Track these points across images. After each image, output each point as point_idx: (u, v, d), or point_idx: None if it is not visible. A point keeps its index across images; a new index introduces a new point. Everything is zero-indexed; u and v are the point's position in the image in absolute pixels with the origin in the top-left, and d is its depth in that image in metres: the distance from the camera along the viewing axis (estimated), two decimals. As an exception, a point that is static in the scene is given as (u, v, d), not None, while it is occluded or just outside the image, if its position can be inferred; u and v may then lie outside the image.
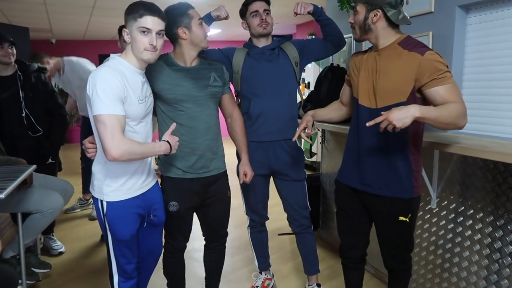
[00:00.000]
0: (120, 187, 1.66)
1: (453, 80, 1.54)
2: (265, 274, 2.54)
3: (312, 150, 5.34)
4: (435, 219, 2.20)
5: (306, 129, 1.84)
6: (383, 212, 1.73)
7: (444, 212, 2.14)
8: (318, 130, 2.52)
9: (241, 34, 8.06)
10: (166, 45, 1.63)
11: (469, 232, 2.00)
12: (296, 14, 2.13)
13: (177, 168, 1.90)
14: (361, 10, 1.62)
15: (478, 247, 1.96)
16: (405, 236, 1.76)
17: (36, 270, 2.62)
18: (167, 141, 1.66)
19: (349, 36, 2.85)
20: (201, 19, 1.83)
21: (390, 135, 1.53)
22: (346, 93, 1.94)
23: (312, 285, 2.43)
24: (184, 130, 1.86)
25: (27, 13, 5.75)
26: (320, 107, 2.06)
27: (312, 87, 5.31)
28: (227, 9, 2.15)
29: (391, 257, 1.83)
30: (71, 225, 3.71)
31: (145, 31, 1.55)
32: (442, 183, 2.13)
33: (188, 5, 1.82)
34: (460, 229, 2.05)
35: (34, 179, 2.38)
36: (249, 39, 2.25)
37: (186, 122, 1.86)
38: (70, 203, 3.28)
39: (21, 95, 2.77)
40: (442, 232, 2.16)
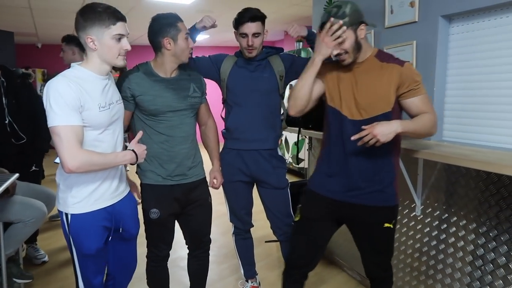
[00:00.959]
0: (87, 198, 1.59)
1: (425, 90, 1.66)
2: (252, 282, 2.52)
3: (299, 157, 5.37)
4: (420, 226, 2.22)
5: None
6: (368, 220, 1.74)
7: (428, 219, 2.17)
8: (305, 137, 2.53)
9: (230, 39, 8.08)
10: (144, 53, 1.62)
11: (453, 239, 2.03)
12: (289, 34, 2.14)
13: (157, 175, 1.90)
14: (350, 35, 1.60)
15: (461, 253, 1.98)
16: (389, 242, 1.78)
17: (18, 281, 2.56)
18: (133, 150, 1.61)
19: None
20: (187, 34, 1.84)
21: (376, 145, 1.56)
22: (316, 89, 1.75)
23: None
24: (163, 138, 1.87)
25: (12, 17, 5.67)
26: (307, 120, 2.08)
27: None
28: (215, 15, 2.14)
29: (375, 265, 1.83)
30: (55, 233, 3.65)
31: (120, 37, 1.53)
32: (426, 190, 2.16)
33: (178, 18, 1.82)
34: (444, 236, 2.07)
35: (17, 187, 2.34)
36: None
37: (165, 131, 1.86)
38: (54, 210, 3.23)
39: (4, 101, 2.72)
40: (426, 239, 2.18)
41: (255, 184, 2.31)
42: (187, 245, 2.13)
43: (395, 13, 2.39)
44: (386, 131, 1.48)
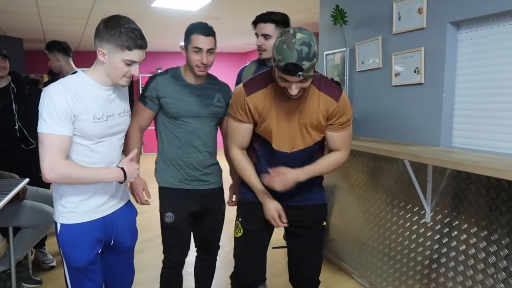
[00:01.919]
0: (75, 209, 1.52)
1: (351, 126, 1.71)
2: (260, 289, 2.52)
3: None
4: (429, 233, 2.21)
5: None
6: (310, 220, 1.76)
7: (438, 226, 2.15)
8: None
9: (235, 46, 8.12)
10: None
11: (463, 247, 2.01)
12: None
13: (174, 178, 1.92)
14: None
15: (472, 261, 1.96)
16: (324, 242, 1.85)
17: (27, 285, 2.58)
18: (122, 168, 1.51)
19: (342, 50, 2.90)
20: (196, 48, 1.78)
21: (307, 158, 1.67)
22: (245, 134, 1.69)
23: None
24: (181, 143, 1.89)
25: (21, 24, 5.74)
26: None
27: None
28: (221, 22, 2.17)
29: (315, 270, 1.84)
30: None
31: (131, 63, 1.48)
32: (436, 197, 2.15)
33: (196, 29, 1.79)
34: (454, 243, 2.06)
35: (26, 192, 2.36)
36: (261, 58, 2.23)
37: (183, 136, 1.89)
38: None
39: (14, 107, 2.75)
40: (436, 246, 2.16)
41: None
42: (196, 248, 2.14)
43: (403, 20, 2.40)
44: (288, 184, 1.56)
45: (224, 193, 2.09)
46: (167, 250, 2.00)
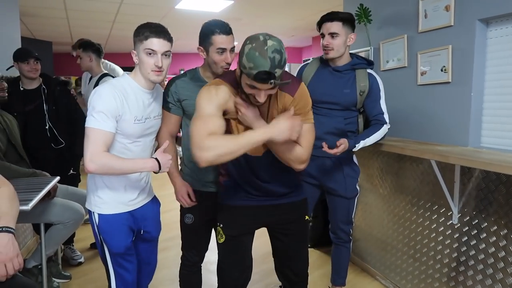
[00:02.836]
0: (109, 201, 1.68)
1: (312, 122, 1.59)
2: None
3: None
4: (457, 235, 2.16)
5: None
6: (293, 217, 1.74)
7: (466, 228, 2.10)
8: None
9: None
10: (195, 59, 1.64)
11: (492, 249, 1.96)
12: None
13: (196, 180, 1.92)
14: None
15: (502, 264, 1.91)
16: (307, 238, 1.84)
17: (57, 280, 2.66)
18: (156, 158, 1.60)
19: (366, 49, 2.87)
20: (220, 49, 1.73)
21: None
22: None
23: None
24: None
25: (50, 27, 5.94)
26: None
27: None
28: (244, 23, 2.15)
29: (304, 264, 1.83)
30: (91, 235, 3.74)
31: (151, 52, 1.57)
32: (463, 198, 2.10)
33: (215, 30, 1.72)
34: (483, 245, 2.01)
35: (57, 190, 2.44)
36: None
37: None
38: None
39: (45, 108, 2.84)
40: (464, 248, 2.12)
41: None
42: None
43: (429, 17, 2.35)
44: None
45: None
46: (185, 248, 2.03)
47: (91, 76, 3.31)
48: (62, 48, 7.94)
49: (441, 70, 2.29)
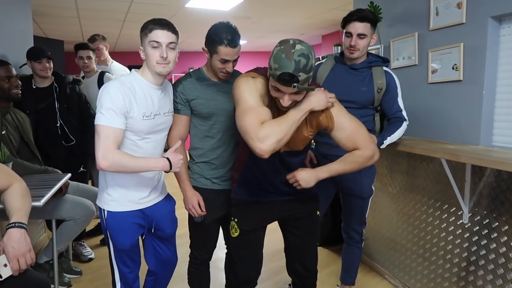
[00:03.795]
0: (119, 198, 1.68)
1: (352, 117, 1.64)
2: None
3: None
4: (467, 234, 2.14)
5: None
6: (304, 212, 1.75)
7: (477, 228, 2.08)
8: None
9: (267, 45, 8.14)
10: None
11: (504, 249, 1.94)
12: None
13: (206, 179, 1.93)
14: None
15: (513, 264, 1.89)
16: (319, 232, 1.88)
17: (68, 276, 2.70)
18: (167, 158, 1.61)
19: (377, 47, 2.85)
20: (223, 60, 1.73)
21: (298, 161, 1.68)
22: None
23: None
24: (216, 143, 1.89)
25: (61, 26, 6.00)
26: None
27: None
28: (253, 21, 2.14)
29: (314, 259, 1.84)
30: (101, 231, 3.79)
31: (156, 45, 1.58)
32: (474, 198, 2.08)
33: (224, 40, 1.70)
34: (494, 245, 1.98)
35: (68, 186, 2.47)
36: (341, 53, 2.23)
37: (217, 136, 1.89)
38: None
39: (56, 105, 2.88)
40: (474, 248, 2.10)
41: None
42: (226, 245, 2.16)
43: (441, 15, 2.33)
44: (307, 179, 1.56)
45: None
46: (194, 247, 2.04)
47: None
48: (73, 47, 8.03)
49: (453, 68, 2.26)
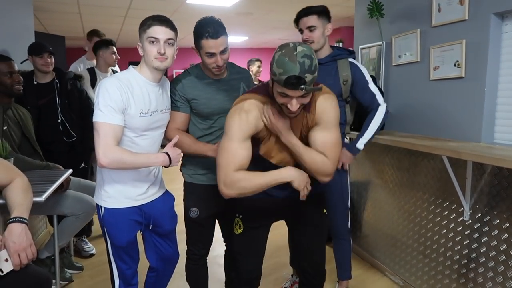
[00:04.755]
0: (116, 195, 1.68)
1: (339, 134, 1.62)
2: (296, 278, 2.56)
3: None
4: (468, 232, 2.14)
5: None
6: (311, 210, 1.74)
7: (478, 225, 2.08)
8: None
9: (268, 41, 8.11)
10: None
11: (504, 246, 1.94)
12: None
13: (202, 175, 1.93)
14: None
15: (514, 262, 1.89)
16: (327, 230, 1.87)
17: (69, 271, 2.71)
18: (167, 153, 1.62)
19: (378, 44, 2.84)
20: (208, 53, 1.71)
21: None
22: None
23: None
24: (212, 141, 1.88)
25: (63, 22, 6.00)
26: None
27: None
28: (255, 17, 2.16)
29: (322, 258, 1.83)
30: (102, 227, 3.80)
31: (154, 40, 1.58)
32: (475, 195, 2.08)
33: (204, 33, 1.69)
34: (495, 242, 1.99)
35: (70, 182, 2.47)
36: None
37: (216, 134, 1.88)
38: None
39: (57, 101, 2.88)
40: (475, 245, 2.10)
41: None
42: (224, 242, 2.17)
43: (443, 11, 2.32)
44: (298, 177, 1.54)
45: None
46: (190, 243, 2.04)
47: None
48: (75, 42, 8.01)
49: (454, 65, 2.25)
